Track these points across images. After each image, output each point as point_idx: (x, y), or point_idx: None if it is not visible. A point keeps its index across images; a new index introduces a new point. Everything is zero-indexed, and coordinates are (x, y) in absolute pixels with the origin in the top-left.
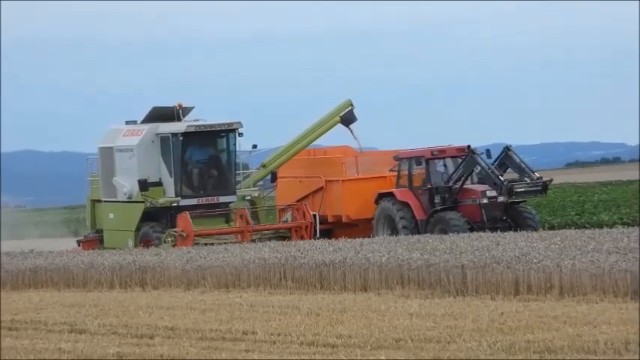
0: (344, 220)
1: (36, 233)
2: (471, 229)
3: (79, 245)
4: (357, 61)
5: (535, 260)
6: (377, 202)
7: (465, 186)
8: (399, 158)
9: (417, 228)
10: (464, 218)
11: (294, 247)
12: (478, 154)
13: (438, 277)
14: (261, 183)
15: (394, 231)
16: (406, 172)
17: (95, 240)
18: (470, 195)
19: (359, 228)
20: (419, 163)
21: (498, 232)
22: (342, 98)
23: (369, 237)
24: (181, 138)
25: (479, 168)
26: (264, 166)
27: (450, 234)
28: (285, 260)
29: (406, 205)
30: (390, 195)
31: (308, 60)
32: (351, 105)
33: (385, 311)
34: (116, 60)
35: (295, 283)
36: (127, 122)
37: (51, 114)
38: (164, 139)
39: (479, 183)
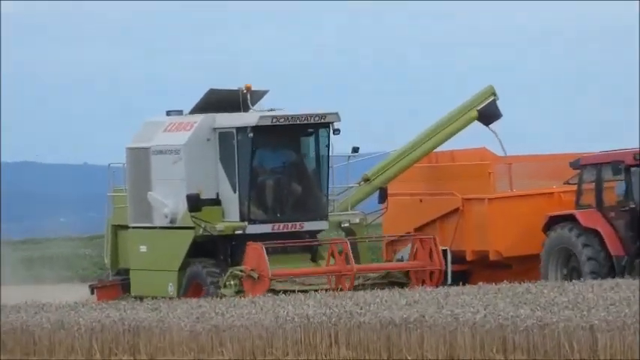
0: (491, 257)
1: (23, 276)
2: None
3: (92, 293)
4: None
5: None
6: (547, 229)
7: None
8: (580, 165)
9: (612, 269)
10: None
11: (349, 299)
12: None
13: (556, 342)
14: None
15: (574, 273)
16: (593, 186)
17: (117, 285)
18: None
19: (513, 270)
20: (615, 172)
21: None
22: (477, 85)
23: (530, 282)
24: (251, 135)
25: None
26: (367, 179)
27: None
28: (337, 318)
29: (594, 233)
30: (569, 219)
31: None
32: (494, 94)
33: None
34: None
35: (352, 350)
36: (169, 112)
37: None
38: (225, 137)
39: None
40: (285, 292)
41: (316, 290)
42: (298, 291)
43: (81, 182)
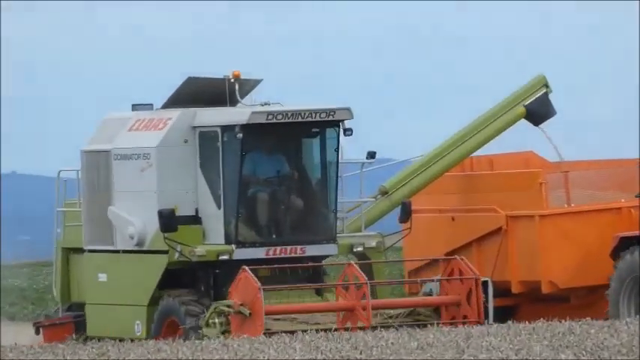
0: (544, 289)
1: None
2: None
3: (38, 333)
4: None
5: None
6: (615, 254)
7: None
8: None
9: None
10: None
11: (347, 341)
12: None
13: None
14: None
15: None
16: None
17: (69, 323)
18: None
19: (572, 304)
20: None
21: None
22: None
23: (594, 319)
24: (240, 135)
25: None
26: (385, 192)
27: None
28: None
29: None
30: None
31: None
32: (546, 86)
33: None
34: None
35: None
36: (136, 106)
37: None
38: (207, 138)
39: None
40: (284, 332)
41: (323, 329)
42: (301, 330)
43: (8, 196)
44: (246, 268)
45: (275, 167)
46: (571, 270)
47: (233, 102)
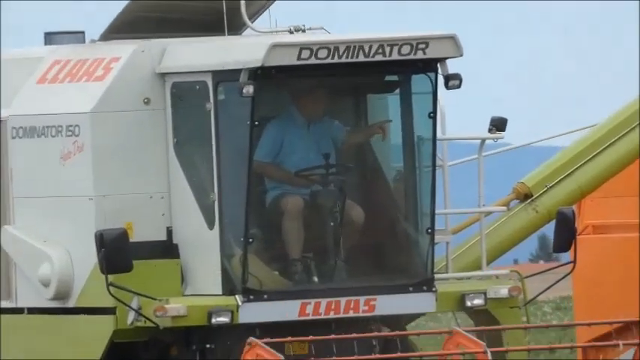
0: None
1: None
2: None
3: None
4: None
5: None
6: None
7: None
8: None
9: None
10: None
11: None
12: None
13: None
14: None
15: None
16: None
17: None
18: None
19: None
20: None
21: None
22: None
23: None
24: (251, 90)
25: None
26: (526, 196)
27: None
28: None
29: None
30: None
31: None
32: None
33: None
34: None
35: None
36: (53, 37)
37: None
38: (187, 96)
39: None
40: None
41: None
42: None
43: None
44: (258, 342)
45: (316, 150)
46: None
47: (235, 26)
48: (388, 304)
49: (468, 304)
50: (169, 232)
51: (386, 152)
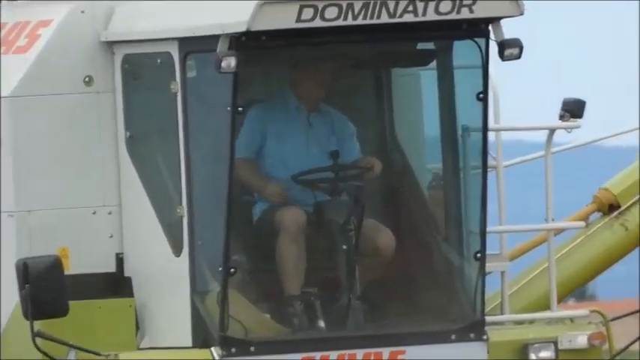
0: None
1: None
2: None
3: None
4: None
5: None
6: None
7: None
8: None
9: None
10: None
11: None
12: None
13: None
14: None
15: None
16: None
17: None
18: None
19: None
20: None
21: None
22: None
23: None
24: (233, 64)
25: None
26: (611, 207)
27: None
28: None
29: None
30: None
31: None
32: None
33: None
34: None
35: None
36: None
37: None
38: (144, 72)
39: None
40: None
41: None
42: None
43: None
44: None
45: (319, 146)
46: None
47: None
48: (422, 358)
49: (533, 357)
50: (120, 260)
51: (418, 149)
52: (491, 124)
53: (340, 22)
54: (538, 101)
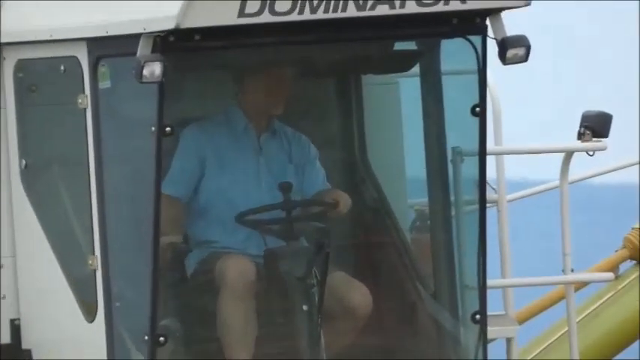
0: None
1: None
2: None
3: None
4: None
5: None
6: None
7: None
8: None
9: None
10: None
11: None
12: None
13: None
14: None
15: None
16: None
17: None
18: None
19: None
20: None
21: None
22: None
23: None
24: (159, 73)
25: None
26: None
27: None
28: None
29: None
30: None
31: None
32: None
33: None
34: None
35: None
36: None
37: None
38: (44, 84)
39: None
40: None
41: None
42: None
43: None
44: None
45: (270, 177)
46: None
47: None
48: None
49: None
50: (16, 328)
51: (398, 179)
52: (490, 145)
53: (295, 17)
54: (551, 115)
